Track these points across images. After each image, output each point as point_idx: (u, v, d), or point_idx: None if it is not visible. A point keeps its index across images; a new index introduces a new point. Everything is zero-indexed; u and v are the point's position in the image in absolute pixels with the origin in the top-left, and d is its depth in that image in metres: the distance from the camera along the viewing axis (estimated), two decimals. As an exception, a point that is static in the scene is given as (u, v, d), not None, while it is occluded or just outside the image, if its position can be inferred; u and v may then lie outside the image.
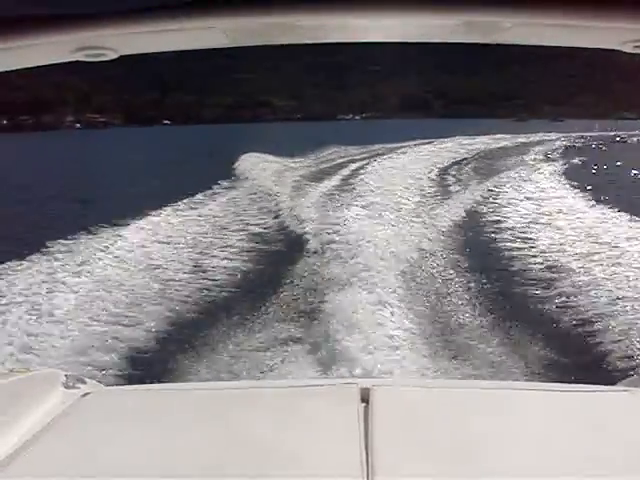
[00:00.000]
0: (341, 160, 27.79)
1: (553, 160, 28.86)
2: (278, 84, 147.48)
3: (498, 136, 44.15)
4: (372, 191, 17.15)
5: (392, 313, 7.51)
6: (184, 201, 17.10)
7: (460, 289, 9.03)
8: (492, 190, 18.52)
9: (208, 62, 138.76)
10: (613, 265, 9.75)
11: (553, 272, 9.76)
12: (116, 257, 10.84)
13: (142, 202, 16.41)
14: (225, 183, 20.80)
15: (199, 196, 18.11)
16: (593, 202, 15.72)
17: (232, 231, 13.46)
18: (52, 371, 2.31)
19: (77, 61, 1.31)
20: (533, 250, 11.26)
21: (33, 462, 1.56)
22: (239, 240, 12.58)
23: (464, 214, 15.11)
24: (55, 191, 23.81)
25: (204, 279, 9.85)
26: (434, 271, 9.93)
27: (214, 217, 15.06)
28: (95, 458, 1.56)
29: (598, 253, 10.52)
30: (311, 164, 27.12)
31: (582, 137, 48.94)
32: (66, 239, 12.00)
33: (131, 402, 1.99)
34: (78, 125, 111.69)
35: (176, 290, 9.23)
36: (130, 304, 8.49)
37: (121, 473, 1.49)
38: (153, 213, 15.08)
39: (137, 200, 17.92)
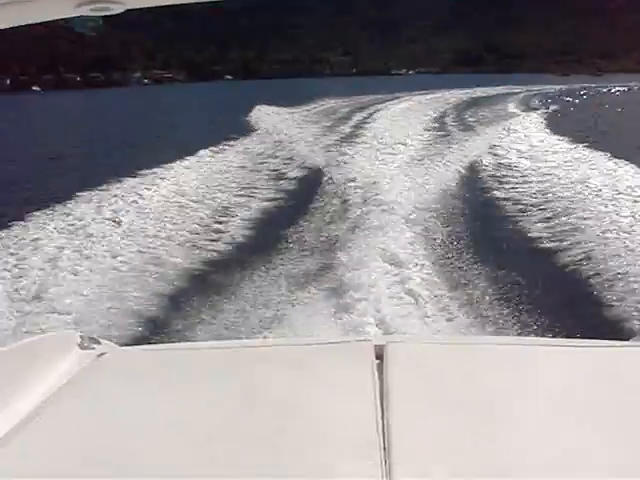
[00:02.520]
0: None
1: None
2: (334, 40, 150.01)
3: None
4: None
5: None
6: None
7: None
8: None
9: (267, 19, 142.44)
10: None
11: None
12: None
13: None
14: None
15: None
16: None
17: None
18: (67, 332, 2.34)
19: (140, 17, 2.40)
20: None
21: (51, 422, 1.58)
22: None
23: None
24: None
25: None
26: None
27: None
28: (112, 418, 1.59)
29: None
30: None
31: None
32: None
33: (146, 362, 2.04)
34: (146, 81, 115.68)
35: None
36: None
37: (138, 431, 1.52)
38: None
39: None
